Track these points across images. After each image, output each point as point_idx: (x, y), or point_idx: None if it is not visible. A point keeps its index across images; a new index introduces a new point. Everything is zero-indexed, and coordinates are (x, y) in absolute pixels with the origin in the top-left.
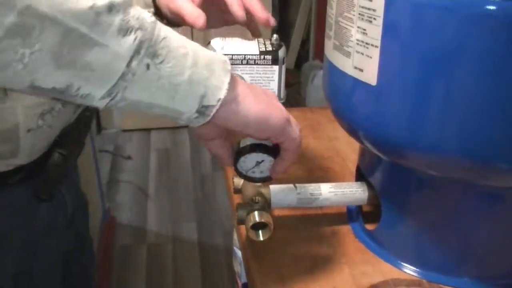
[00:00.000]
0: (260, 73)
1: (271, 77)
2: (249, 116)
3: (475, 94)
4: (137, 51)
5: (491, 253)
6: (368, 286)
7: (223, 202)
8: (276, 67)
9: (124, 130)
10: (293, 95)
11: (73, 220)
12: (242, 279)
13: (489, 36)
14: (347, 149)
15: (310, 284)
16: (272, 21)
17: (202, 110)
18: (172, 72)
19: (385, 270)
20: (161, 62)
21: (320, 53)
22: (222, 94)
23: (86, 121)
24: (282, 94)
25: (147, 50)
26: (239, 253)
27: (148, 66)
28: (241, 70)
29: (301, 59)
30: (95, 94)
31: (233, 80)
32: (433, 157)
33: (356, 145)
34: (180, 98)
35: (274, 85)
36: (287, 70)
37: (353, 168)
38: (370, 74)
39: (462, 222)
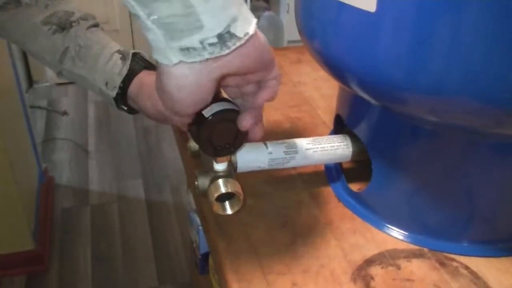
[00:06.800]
0: None
1: None
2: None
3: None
4: None
5: (499, 214)
6: (361, 262)
7: (169, 155)
8: None
9: (59, 84)
10: None
11: None
12: (201, 249)
13: None
14: (315, 95)
15: (293, 263)
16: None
17: (226, 37)
18: None
19: (379, 240)
20: None
21: None
22: (251, 29)
23: None
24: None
25: None
26: (197, 220)
27: None
28: None
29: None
30: None
31: None
32: (439, 99)
33: (325, 90)
34: (212, 7)
35: None
36: None
37: (325, 117)
38: None
39: (468, 178)
